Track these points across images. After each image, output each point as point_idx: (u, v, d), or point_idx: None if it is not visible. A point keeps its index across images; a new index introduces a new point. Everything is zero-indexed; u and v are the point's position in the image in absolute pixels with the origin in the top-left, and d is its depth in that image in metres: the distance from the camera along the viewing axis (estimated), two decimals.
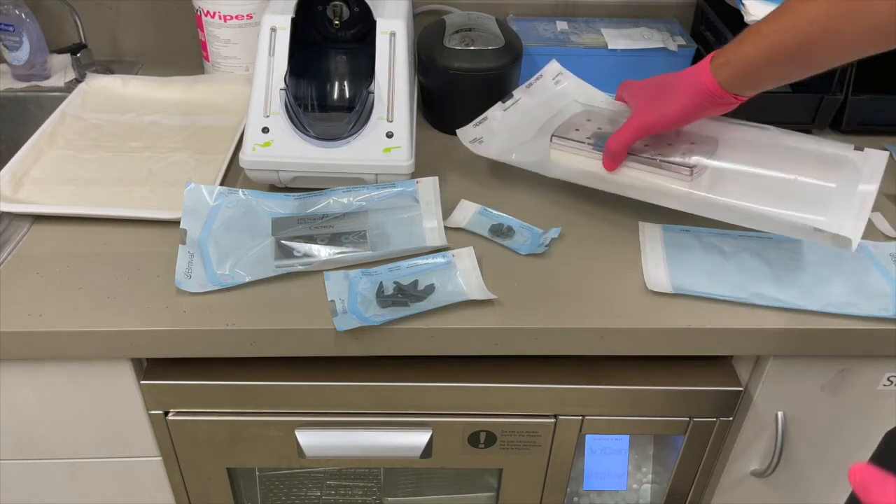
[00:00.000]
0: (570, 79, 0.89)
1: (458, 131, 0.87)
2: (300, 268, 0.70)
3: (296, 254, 0.71)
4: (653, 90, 0.71)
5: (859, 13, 0.57)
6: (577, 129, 0.77)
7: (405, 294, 0.67)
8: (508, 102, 0.88)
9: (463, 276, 0.70)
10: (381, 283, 0.69)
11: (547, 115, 0.83)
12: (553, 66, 0.90)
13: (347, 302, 0.67)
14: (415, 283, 0.69)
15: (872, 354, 0.71)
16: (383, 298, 0.67)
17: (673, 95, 0.68)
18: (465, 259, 0.71)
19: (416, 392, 0.72)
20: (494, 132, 0.85)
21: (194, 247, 0.71)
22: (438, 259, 0.71)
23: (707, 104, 0.66)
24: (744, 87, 0.65)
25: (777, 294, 0.69)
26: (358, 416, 0.74)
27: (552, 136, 0.76)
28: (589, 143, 0.75)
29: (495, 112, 0.87)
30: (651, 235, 0.76)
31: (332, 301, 0.67)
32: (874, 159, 0.69)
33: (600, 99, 0.85)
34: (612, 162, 0.73)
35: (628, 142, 0.71)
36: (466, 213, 0.79)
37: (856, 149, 0.70)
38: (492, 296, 0.67)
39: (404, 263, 0.71)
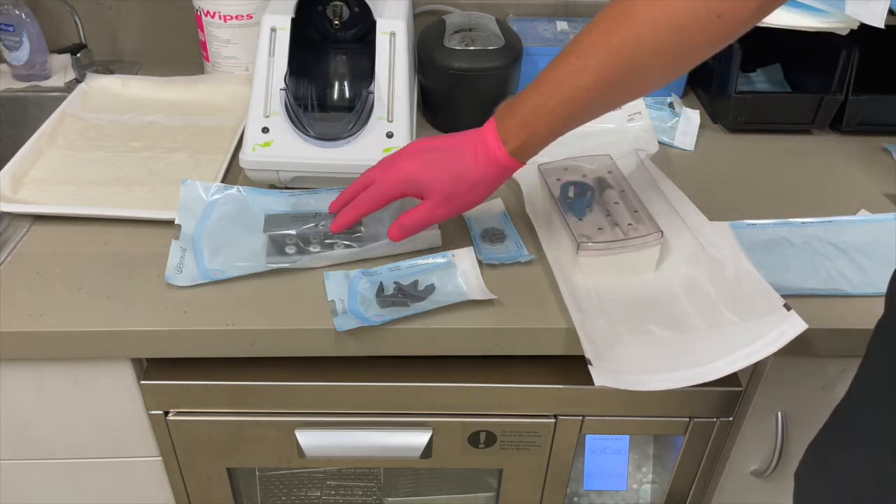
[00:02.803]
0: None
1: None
2: (291, 265, 0.70)
3: (288, 251, 0.71)
4: (448, 176, 0.66)
5: (632, 77, 0.58)
6: (599, 229, 0.71)
7: (405, 294, 0.67)
8: None
9: (463, 276, 0.70)
10: (381, 283, 0.69)
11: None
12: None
13: (347, 302, 0.67)
14: (415, 283, 0.69)
15: None
16: (383, 298, 0.67)
17: (475, 186, 0.65)
18: (465, 259, 0.71)
19: (416, 392, 0.72)
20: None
21: (188, 242, 0.72)
22: (438, 259, 0.71)
23: (505, 181, 0.67)
24: (534, 156, 0.65)
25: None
26: (358, 416, 0.74)
27: (578, 244, 0.70)
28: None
29: None
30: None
31: (332, 301, 0.67)
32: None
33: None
34: (401, 235, 0.68)
35: (423, 226, 0.68)
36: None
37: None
38: (492, 296, 0.67)
39: (404, 263, 0.71)
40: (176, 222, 0.73)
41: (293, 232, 0.73)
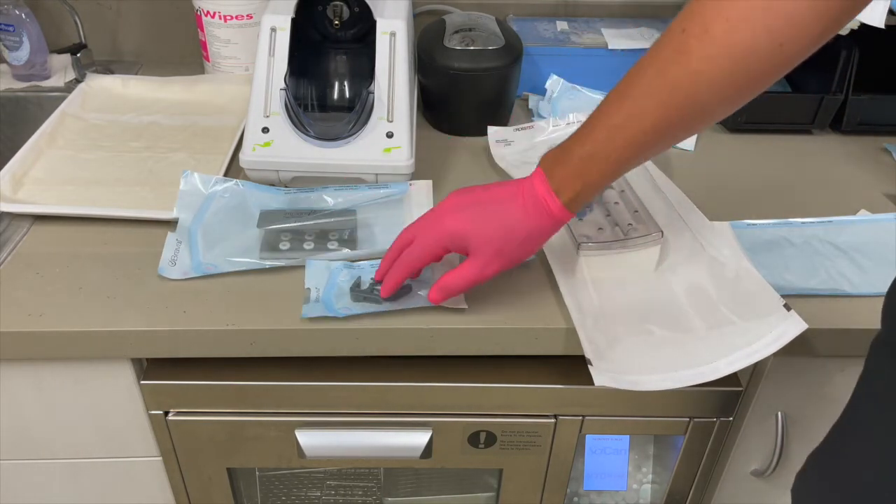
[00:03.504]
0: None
1: (490, 128, 0.87)
2: (285, 262, 0.70)
3: (281, 247, 0.71)
4: (498, 232, 0.61)
5: (691, 115, 0.55)
6: (600, 229, 0.71)
7: (379, 291, 0.67)
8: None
9: None
10: (359, 277, 0.69)
11: None
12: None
13: (322, 291, 0.67)
14: None
15: None
16: (357, 293, 0.67)
17: (528, 240, 0.62)
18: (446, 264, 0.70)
19: (416, 392, 0.72)
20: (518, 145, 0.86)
21: (184, 234, 0.72)
22: None
23: (556, 232, 0.63)
24: (588, 202, 0.63)
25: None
26: (358, 416, 0.74)
27: (579, 244, 0.70)
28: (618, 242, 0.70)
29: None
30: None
31: (308, 289, 0.67)
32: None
33: None
34: (443, 298, 0.65)
35: (472, 286, 0.64)
36: None
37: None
38: (464, 305, 0.66)
39: None
40: (174, 214, 0.73)
41: (287, 228, 0.73)
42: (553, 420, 0.74)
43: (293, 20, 0.79)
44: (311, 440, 0.74)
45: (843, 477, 0.52)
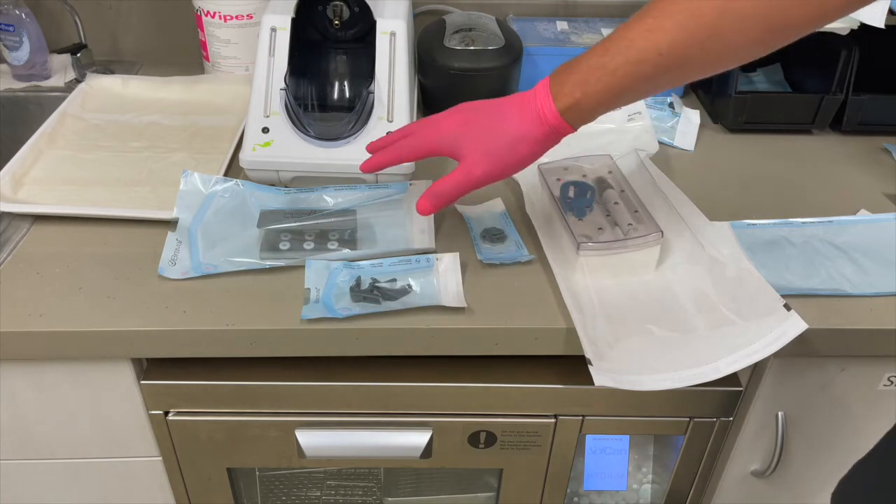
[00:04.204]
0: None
1: None
2: (285, 262, 0.70)
3: (281, 247, 0.71)
4: (489, 133, 0.61)
5: (709, 46, 0.53)
6: (600, 229, 0.71)
7: (380, 291, 0.67)
8: None
9: (441, 280, 0.69)
10: (359, 276, 0.69)
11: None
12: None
13: (322, 292, 0.67)
14: (392, 281, 0.69)
15: (872, 354, 0.71)
16: (357, 293, 0.67)
17: (517, 143, 0.60)
18: (447, 263, 0.70)
19: (416, 392, 0.72)
20: None
21: (183, 234, 0.72)
22: (421, 261, 0.71)
23: (554, 144, 0.61)
24: (588, 121, 0.60)
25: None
26: (358, 416, 0.74)
27: (579, 244, 0.69)
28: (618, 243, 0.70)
29: None
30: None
31: (308, 289, 0.67)
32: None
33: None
34: (433, 204, 0.64)
35: (463, 193, 0.63)
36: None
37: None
38: (465, 304, 0.66)
39: (387, 261, 0.70)
40: (174, 213, 0.73)
41: (288, 228, 0.73)
42: (553, 420, 0.74)
43: (293, 20, 0.79)
44: (311, 440, 0.74)
45: (891, 486, 0.51)
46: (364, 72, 0.85)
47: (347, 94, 0.88)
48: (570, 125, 0.59)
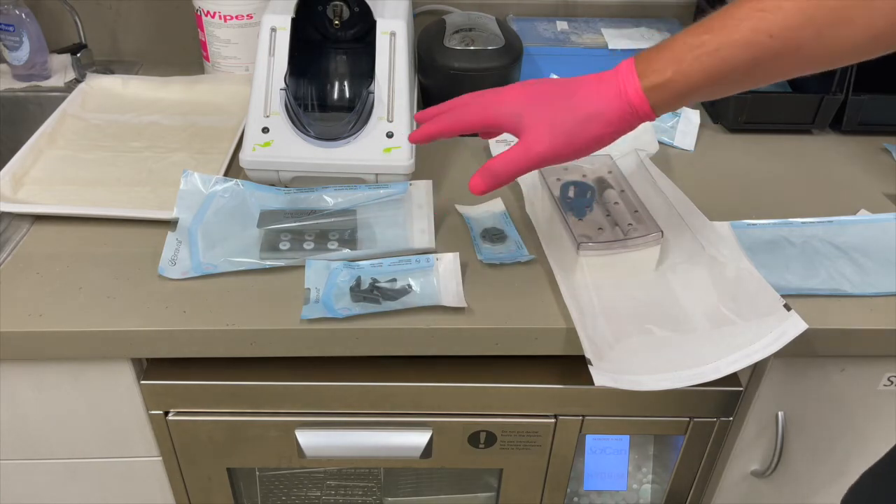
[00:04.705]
0: None
1: None
2: (285, 262, 0.70)
3: (281, 247, 0.71)
4: (557, 107, 0.54)
5: (826, 32, 0.47)
6: (600, 229, 0.71)
7: (380, 291, 0.67)
8: None
9: (442, 280, 0.69)
10: (359, 276, 0.69)
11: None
12: None
13: (322, 292, 0.67)
14: (392, 281, 0.69)
15: (872, 354, 0.71)
16: (357, 293, 0.67)
17: (588, 120, 0.53)
18: (447, 264, 0.70)
19: (416, 392, 0.72)
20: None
21: (183, 234, 0.72)
22: (421, 261, 0.71)
23: (628, 130, 0.54)
24: (672, 108, 0.54)
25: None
26: (358, 416, 0.74)
27: (579, 244, 0.69)
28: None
29: None
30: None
31: (308, 289, 0.67)
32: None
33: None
34: (486, 184, 0.57)
35: (521, 171, 0.56)
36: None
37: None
38: (464, 304, 0.66)
39: (387, 261, 0.71)
40: (174, 213, 0.73)
41: (288, 228, 0.73)
42: (553, 420, 0.74)
43: (293, 20, 0.79)
44: (311, 440, 0.74)
45: None
46: (364, 72, 0.85)
47: (347, 94, 0.88)
48: (652, 109, 0.52)
